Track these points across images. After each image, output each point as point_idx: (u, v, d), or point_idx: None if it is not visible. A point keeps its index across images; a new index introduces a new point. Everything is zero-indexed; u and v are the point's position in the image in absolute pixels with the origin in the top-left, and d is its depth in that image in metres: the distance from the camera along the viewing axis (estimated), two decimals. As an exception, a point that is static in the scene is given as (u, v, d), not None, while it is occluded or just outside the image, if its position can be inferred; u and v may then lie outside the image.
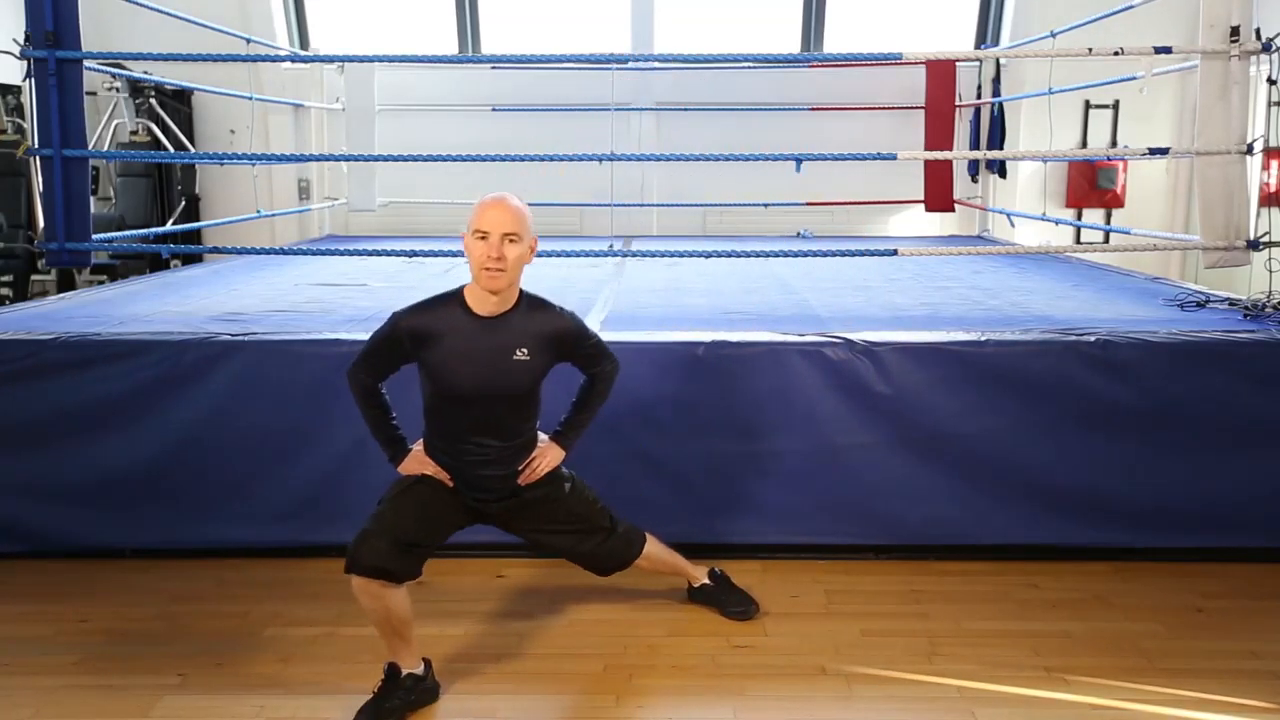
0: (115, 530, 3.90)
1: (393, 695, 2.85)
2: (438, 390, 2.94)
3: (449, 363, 2.88)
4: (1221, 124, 4.47)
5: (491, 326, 2.88)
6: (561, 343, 2.98)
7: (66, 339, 3.92)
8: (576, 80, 7.92)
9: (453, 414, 2.97)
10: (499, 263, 2.76)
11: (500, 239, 2.77)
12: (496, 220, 2.78)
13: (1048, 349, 3.85)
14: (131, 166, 8.11)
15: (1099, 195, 8.68)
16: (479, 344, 2.87)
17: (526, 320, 2.91)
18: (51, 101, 4.33)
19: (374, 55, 7.40)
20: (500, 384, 2.91)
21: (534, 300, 2.97)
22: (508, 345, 2.88)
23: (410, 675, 2.89)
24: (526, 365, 2.91)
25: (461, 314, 2.89)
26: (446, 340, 2.87)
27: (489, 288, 2.82)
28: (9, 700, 2.95)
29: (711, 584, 3.50)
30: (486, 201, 2.84)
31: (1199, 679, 3.04)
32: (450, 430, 2.99)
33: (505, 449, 3.01)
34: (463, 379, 2.89)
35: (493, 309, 2.88)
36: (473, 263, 2.82)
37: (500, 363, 2.88)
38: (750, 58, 7.60)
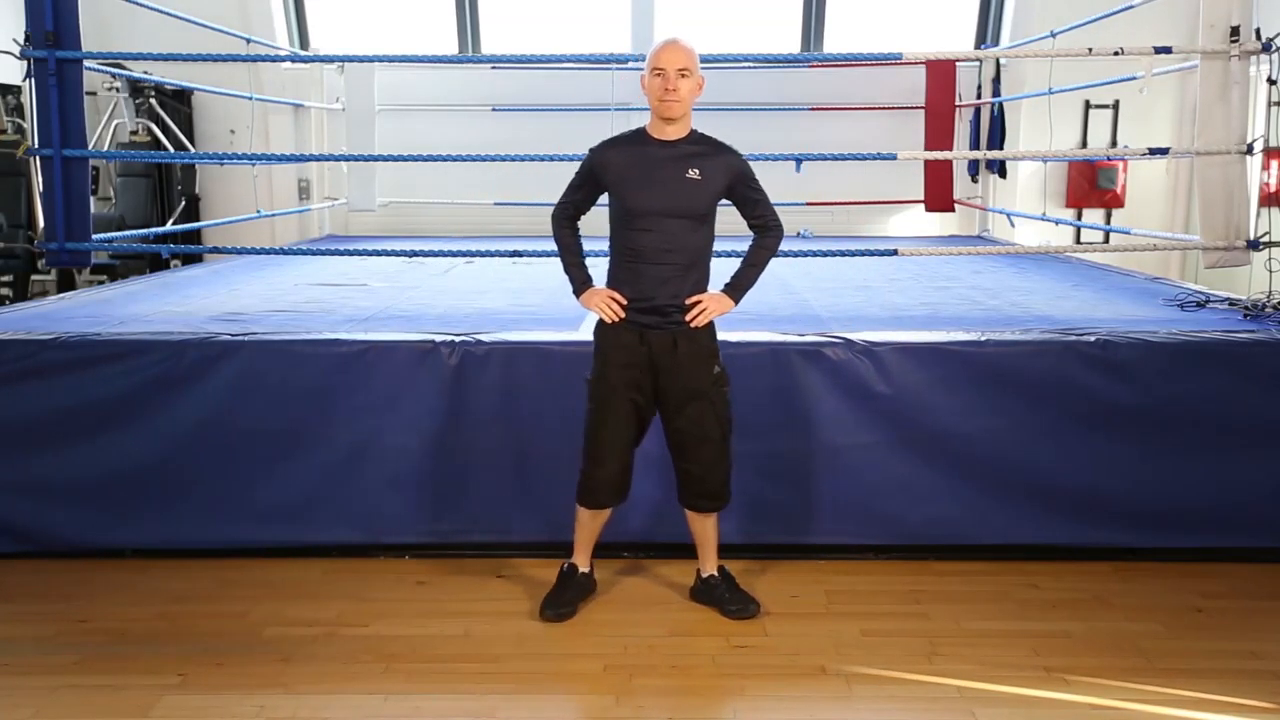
0: (115, 530, 3.90)
1: (569, 588, 3.49)
2: (620, 209, 3.29)
3: (629, 180, 3.26)
4: (1221, 124, 4.47)
5: (667, 149, 3.25)
6: (729, 172, 3.29)
7: (66, 339, 3.92)
8: (576, 80, 7.91)
9: (632, 231, 3.27)
10: (674, 94, 3.16)
11: (675, 73, 3.16)
12: (670, 58, 3.17)
13: (1048, 349, 3.86)
14: (131, 166, 8.11)
15: (1099, 195, 8.68)
16: (656, 164, 3.24)
17: (698, 148, 3.27)
18: (51, 101, 4.33)
19: (374, 55, 7.41)
20: (675, 199, 3.23)
21: (706, 136, 3.32)
22: (681, 165, 3.23)
23: (583, 573, 3.53)
24: (698, 184, 3.23)
25: (641, 143, 3.29)
26: (628, 163, 3.27)
27: (665, 115, 3.21)
28: (9, 700, 2.95)
29: (718, 578, 3.52)
30: (659, 44, 3.23)
31: (1199, 679, 3.03)
32: (631, 247, 3.29)
33: (679, 268, 3.27)
34: (643, 194, 3.24)
35: (668, 134, 3.25)
36: (651, 96, 3.22)
37: (674, 180, 3.22)
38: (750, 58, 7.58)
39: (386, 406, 3.86)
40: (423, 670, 3.12)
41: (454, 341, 3.88)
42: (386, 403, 3.86)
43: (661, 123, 3.24)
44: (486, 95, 8.54)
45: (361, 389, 3.85)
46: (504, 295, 5.13)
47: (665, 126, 3.24)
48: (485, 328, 4.08)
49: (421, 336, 3.95)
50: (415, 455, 3.87)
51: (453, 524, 3.92)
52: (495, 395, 3.86)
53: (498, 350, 3.87)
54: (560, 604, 3.45)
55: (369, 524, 3.91)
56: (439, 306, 4.83)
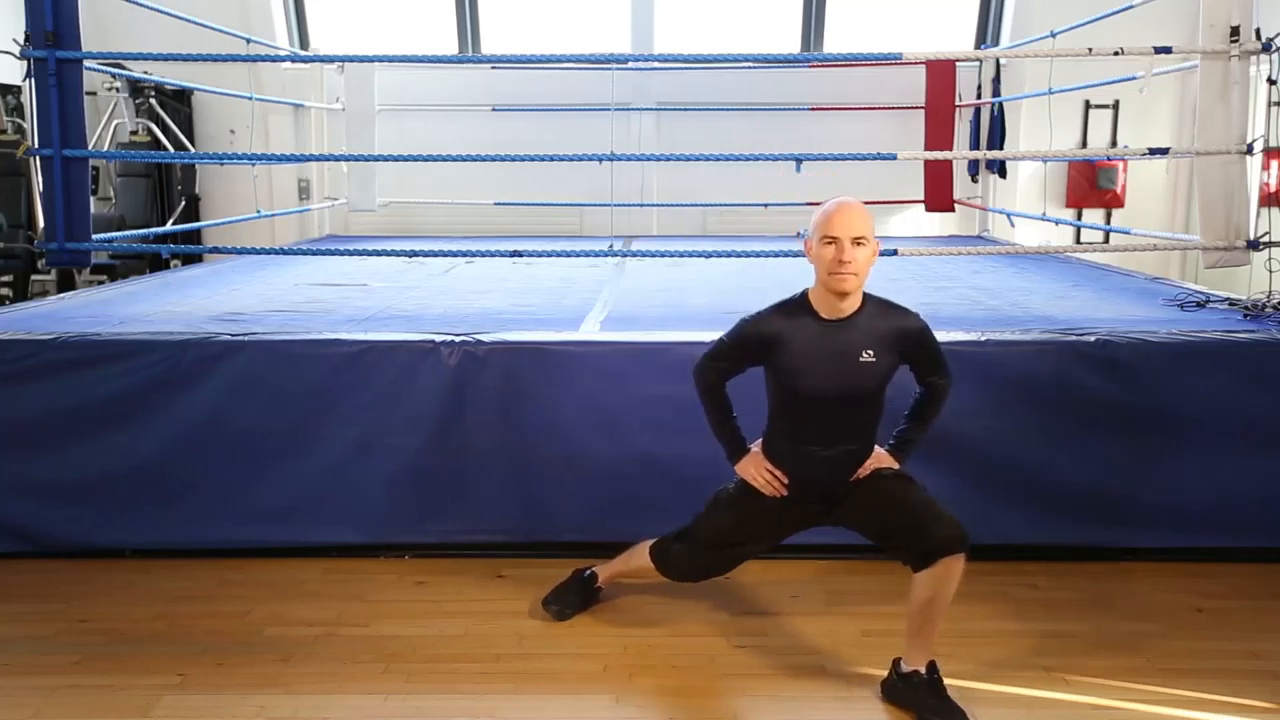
0: (115, 530, 3.90)
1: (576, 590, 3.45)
2: (785, 393, 3.00)
3: (797, 366, 2.94)
4: (1221, 124, 4.47)
5: (838, 330, 2.92)
6: (906, 340, 2.98)
7: (66, 339, 3.92)
8: (576, 80, 7.92)
9: (799, 417, 3.02)
10: (848, 266, 2.82)
11: (850, 243, 2.82)
12: (845, 225, 2.83)
13: (1048, 349, 3.85)
14: (131, 166, 8.10)
15: (1099, 195, 8.68)
16: (826, 347, 2.91)
17: (871, 322, 2.95)
18: (51, 101, 4.33)
19: (374, 55, 7.44)
20: (847, 387, 2.94)
21: (881, 302, 3.00)
22: (854, 347, 2.91)
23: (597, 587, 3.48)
24: (874, 368, 2.93)
25: (809, 318, 2.94)
26: (795, 344, 2.93)
27: (838, 289, 2.86)
28: (9, 700, 2.95)
29: (923, 676, 2.88)
30: (831, 209, 2.89)
31: (1199, 679, 3.03)
32: (796, 433, 3.03)
33: (847, 452, 3.03)
34: (810, 382, 2.94)
35: (839, 312, 2.92)
36: (820, 267, 2.87)
37: (847, 365, 2.91)
38: (750, 58, 7.61)
39: (386, 406, 3.86)
40: (423, 670, 3.12)
41: (454, 341, 3.88)
42: (386, 403, 3.86)
43: (832, 297, 2.89)
44: (486, 95, 8.54)
45: (361, 389, 3.85)
46: (504, 295, 5.13)
47: (837, 301, 2.89)
48: (485, 328, 4.08)
49: (421, 336, 3.95)
50: (415, 455, 3.87)
51: (453, 524, 3.92)
52: (495, 395, 3.86)
53: (498, 350, 3.87)
54: (565, 602, 3.43)
55: (369, 524, 3.91)
56: (439, 306, 4.83)
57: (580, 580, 3.50)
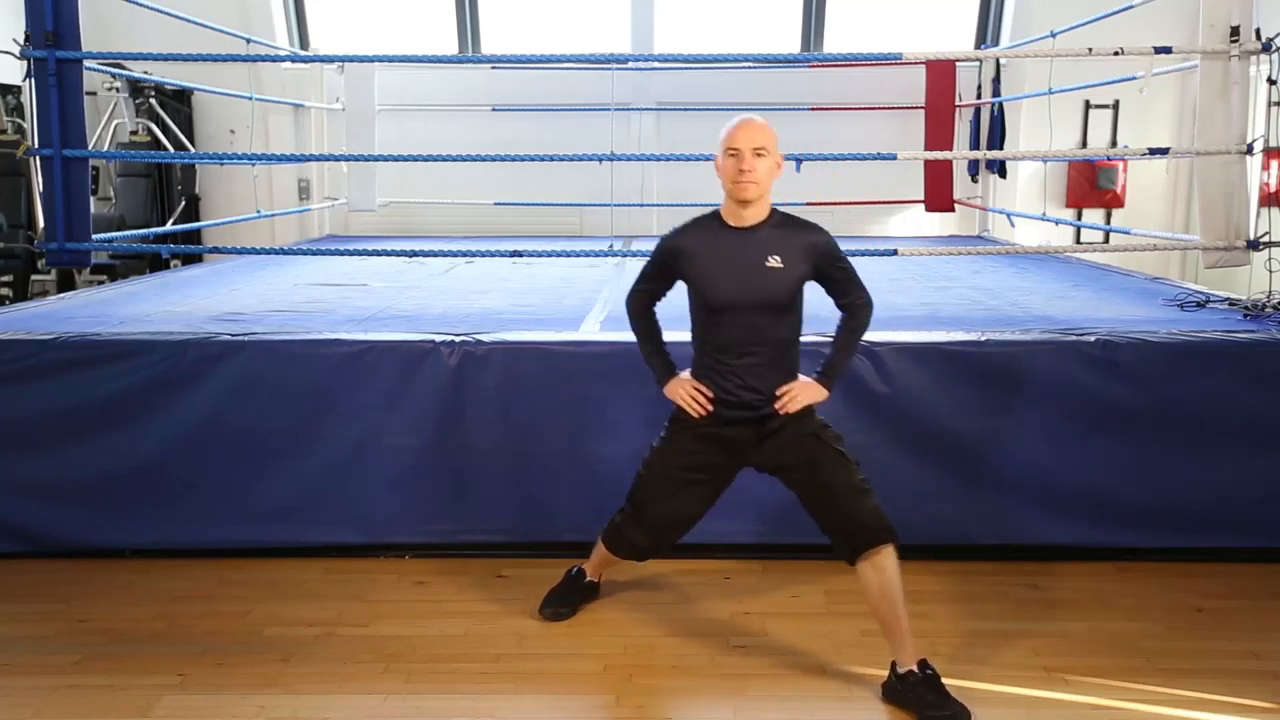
0: (115, 530, 3.90)
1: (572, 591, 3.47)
2: (702, 303, 3.09)
3: (708, 273, 3.05)
4: (1221, 124, 4.47)
5: (744, 237, 3.03)
6: (813, 253, 3.05)
7: (66, 339, 3.92)
8: (576, 80, 7.92)
9: (716, 325, 3.09)
10: (750, 174, 2.94)
11: (750, 154, 2.94)
12: (746, 137, 2.96)
13: (1048, 349, 3.86)
14: (131, 166, 8.10)
15: (1099, 195, 8.68)
16: (734, 254, 3.02)
17: (778, 232, 3.05)
18: (51, 101, 4.33)
19: (374, 55, 7.43)
20: (757, 292, 3.02)
21: (787, 215, 3.11)
22: (761, 253, 3.01)
23: (589, 581, 3.51)
24: (781, 274, 3.01)
25: (717, 228, 3.08)
26: (704, 253, 3.06)
27: (741, 198, 2.98)
28: (9, 700, 2.95)
29: (918, 675, 2.91)
30: (733, 123, 3.00)
31: (1199, 679, 3.04)
32: (715, 343, 3.10)
33: (766, 363, 3.07)
34: (721, 288, 3.03)
35: (745, 220, 3.03)
36: (725, 178, 3.00)
37: (755, 271, 3.01)
38: (750, 58, 7.60)
39: (386, 406, 3.86)
40: (423, 670, 3.12)
41: (454, 341, 3.88)
42: (386, 403, 3.86)
43: (737, 206, 3.01)
44: (486, 95, 8.53)
45: (361, 389, 3.85)
46: (504, 295, 5.13)
47: (741, 210, 3.01)
48: (485, 328, 4.08)
49: (421, 336, 3.95)
50: (415, 455, 3.87)
51: (453, 524, 3.92)
52: (495, 395, 3.86)
53: (498, 350, 3.87)
54: (560, 604, 3.44)
55: (369, 524, 3.91)
56: (439, 306, 4.83)
57: (571, 579, 3.52)
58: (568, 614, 3.43)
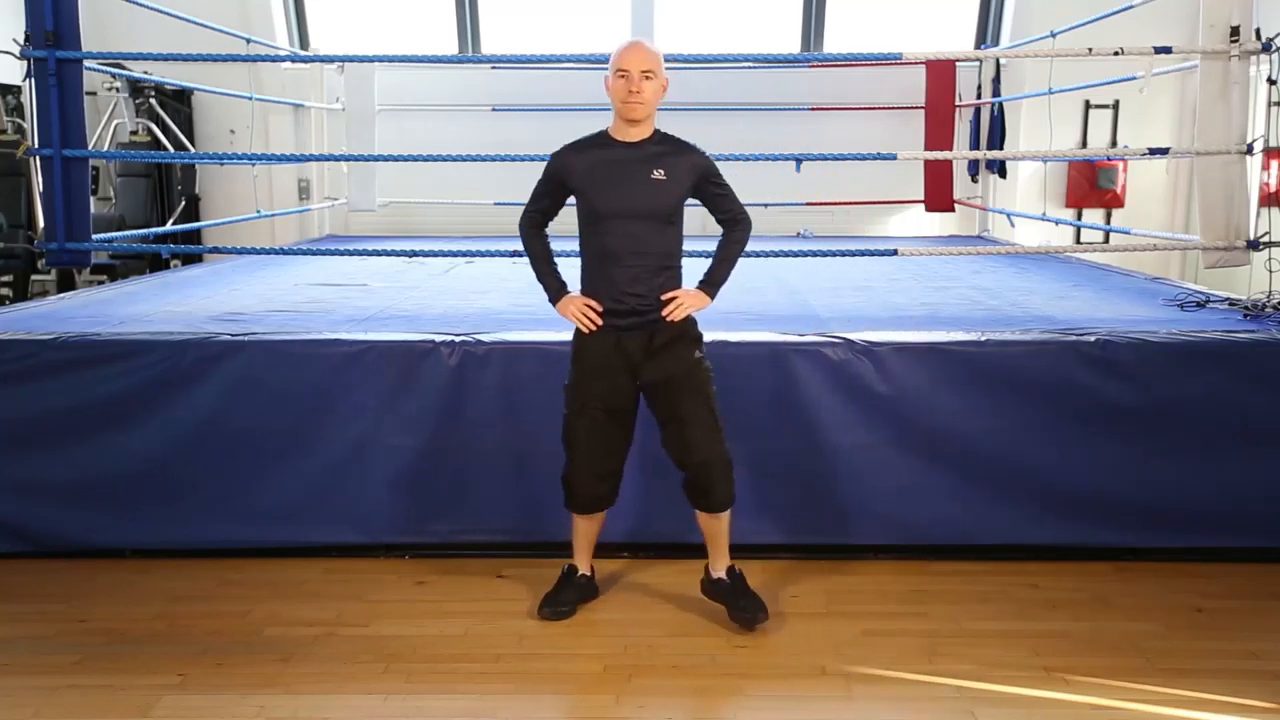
0: (115, 530, 3.90)
1: (569, 589, 3.48)
2: (590, 212, 3.27)
3: (596, 184, 3.24)
4: (1221, 124, 4.47)
5: (630, 150, 3.24)
6: (693, 170, 3.28)
7: (66, 339, 3.92)
8: (576, 80, 7.89)
9: (603, 234, 3.25)
10: (638, 95, 3.15)
11: (638, 75, 3.15)
12: (634, 59, 3.16)
13: (1048, 349, 3.85)
14: (131, 166, 8.11)
15: (1099, 195, 8.68)
16: (620, 166, 3.23)
17: (662, 148, 3.26)
18: (51, 101, 4.33)
19: (374, 55, 7.43)
20: (642, 200, 3.21)
21: (669, 136, 3.31)
22: (646, 166, 3.22)
23: (583, 575, 3.51)
24: (664, 185, 3.22)
25: (605, 143, 3.28)
26: (592, 166, 3.25)
27: (629, 116, 3.19)
28: (9, 700, 2.95)
29: (728, 580, 3.42)
30: (623, 45, 3.21)
31: (1199, 679, 3.03)
32: (599, 251, 3.27)
33: (651, 267, 3.24)
34: (608, 197, 3.23)
35: (632, 136, 3.24)
36: (615, 98, 3.21)
37: (640, 181, 3.21)
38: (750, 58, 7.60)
39: (386, 407, 3.86)
40: (423, 670, 3.11)
41: (454, 341, 3.88)
42: (386, 403, 3.86)
43: (625, 124, 3.23)
44: (486, 95, 8.54)
45: (361, 389, 3.85)
46: (504, 295, 5.13)
47: (629, 128, 3.23)
48: (485, 328, 4.08)
49: (421, 336, 3.95)
50: (415, 455, 3.87)
51: (453, 524, 3.92)
52: (495, 395, 3.86)
53: (498, 350, 3.87)
54: (558, 603, 3.45)
55: (369, 524, 3.91)
56: (439, 306, 4.83)
57: (566, 577, 3.53)
58: (568, 612, 3.44)
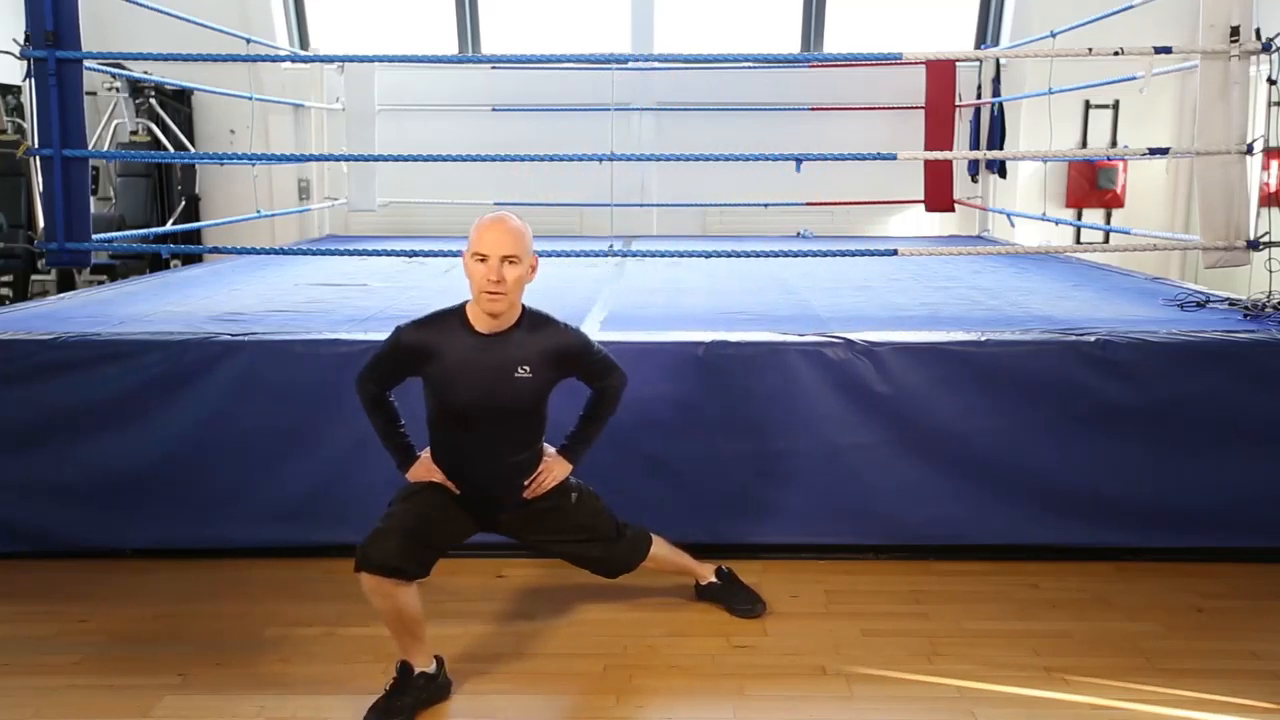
0: (115, 530, 3.90)
1: (405, 693, 2.84)
2: (441, 405, 2.97)
3: (450, 379, 2.90)
4: (1221, 124, 4.47)
5: (492, 344, 2.89)
6: (565, 359, 2.98)
7: (66, 339, 3.92)
8: (576, 80, 7.92)
9: (456, 430, 2.99)
10: (499, 285, 2.78)
11: (499, 261, 2.78)
12: (495, 243, 2.79)
13: (1048, 349, 3.85)
14: (131, 166, 8.11)
15: (1099, 195, 8.68)
16: (480, 362, 2.88)
17: (528, 338, 2.92)
18: (51, 101, 4.33)
19: (374, 55, 7.43)
20: (503, 401, 2.91)
21: (536, 317, 2.97)
22: (509, 363, 2.89)
23: (422, 674, 2.89)
24: (529, 382, 2.91)
25: (463, 331, 2.90)
26: (447, 357, 2.89)
27: (489, 310, 2.84)
28: (9, 700, 2.95)
29: (719, 582, 3.49)
30: (484, 223, 2.84)
31: (1199, 679, 3.03)
32: (454, 444, 3.01)
33: (509, 465, 3.03)
34: (464, 396, 2.90)
35: (494, 326, 2.90)
36: (473, 284, 2.84)
37: (502, 380, 2.89)
38: (750, 58, 7.61)
39: (386, 406, 3.85)
40: (423, 670, 3.11)
41: (454, 341, 3.87)
42: (386, 403, 3.85)
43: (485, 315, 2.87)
44: (486, 95, 8.54)
45: (361, 389, 3.85)
46: (504, 295, 5.13)
47: (490, 319, 2.87)
48: (485, 328, 4.07)
49: (421, 336, 3.94)
50: (415, 455, 3.87)
51: (453, 524, 3.91)
52: (495, 395, 3.85)
53: (498, 350, 3.87)
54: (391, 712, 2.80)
55: (369, 524, 3.87)
56: (439, 306, 4.81)
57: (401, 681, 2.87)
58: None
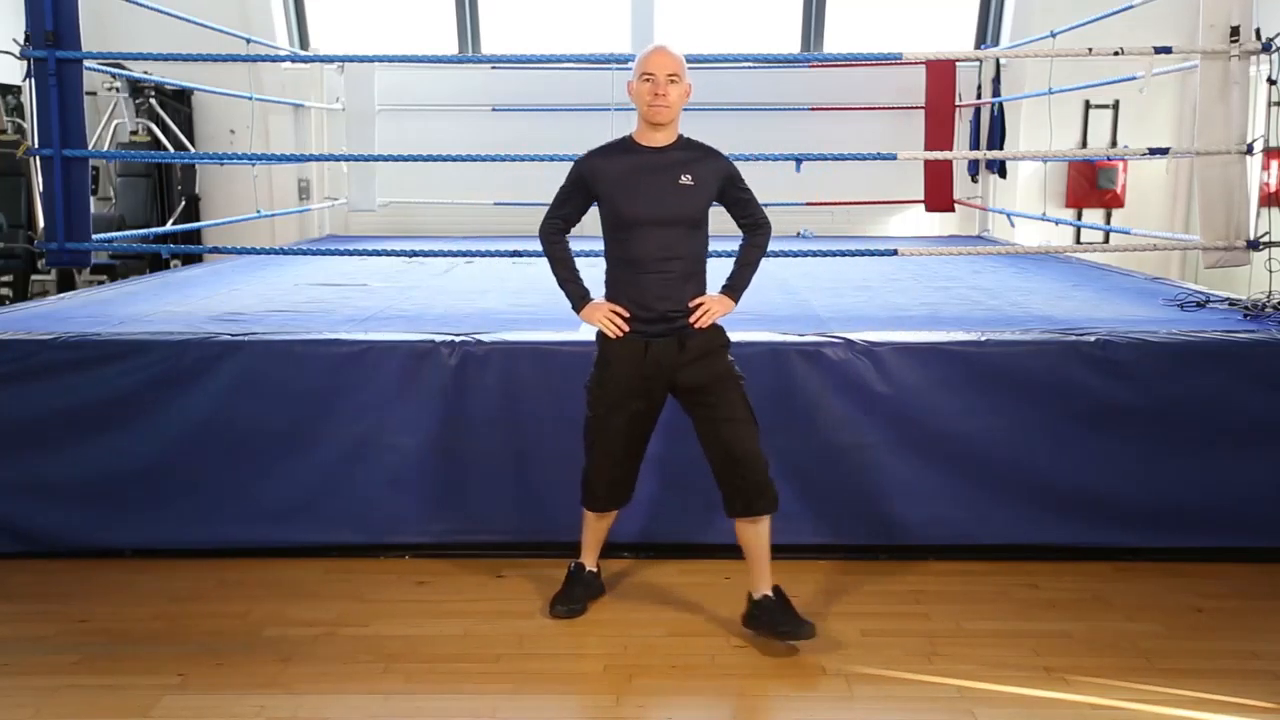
0: (115, 530, 3.90)
1: (577, 585, 3.48)
2: (615, 219, 3.22)
3: (621, 190, 3.20)
4: (1221, 124, 4.47)
5: (657, 156, 3.20)
6: (719, 176, 3.27)
7: (66, 339, 3.92)
8: (576, 80, 7.91)
9: (630, 241, 3.21)
10: (663, 99, 3.12)
11: (664, 78, 3.12)
12: (660, 63, 3.14)
13: (1048, 349, 3.86)
14: (131, 166, 8.11)
15: (1099, 195, 8.69)
16: (647, 172, 3.19)
17: (688, 154, 3.24)
18: (51, 101, 4.33)
19: (374, 55, 7.44)
20: (669, 207, 3.18)
21: (694, 141, 3.29)
22: (673, 172, 3.19)
23: (590, 571, 3.52)
24: (691, 190, 3.19)
25: (631, 149, 3.25)
26: (619, 171, 3.21)
27: (655, 120, 3.16)
28: (9, 700, 2.95)
29: (772, 599, 3.24)
30: (648, 50, 3.19)
31: (1199, 679, 3.03)
32: (627, 257, 3.23)
33: (678, 275, 3.21)
34: (634, 202, 3.19)
35: (657, 141, 3.21)
36: (639, 102, 3.17)
37: (667, 187, 3.18)
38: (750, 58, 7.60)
39: (386, 407, 3.86)
40: (423, 670, 3.12)
41: (454, 341, 3.88)
42: (386, 403, 3.86)
43: (650, 129, 3.20)
44: (486, 95, 8.54)
45: (361, 389, 3.85)
46: (504, 295, 5.13)
47: (654, 133, 3.20)
48: (485, 328, 4.08)
49: (421, 336, 3.95)
50: (415, 455, 3.87)
51: (453, 524, 3.92)
52: (495, 395, 3.86)
53: (498, 350, 3.87)
54: (571, 600, 3.46)
55: (369, 524, 3.91)
56: (439, 306, 4.83)
57: (574, 576, 3.52)
58: (580, 610, 3.45)
